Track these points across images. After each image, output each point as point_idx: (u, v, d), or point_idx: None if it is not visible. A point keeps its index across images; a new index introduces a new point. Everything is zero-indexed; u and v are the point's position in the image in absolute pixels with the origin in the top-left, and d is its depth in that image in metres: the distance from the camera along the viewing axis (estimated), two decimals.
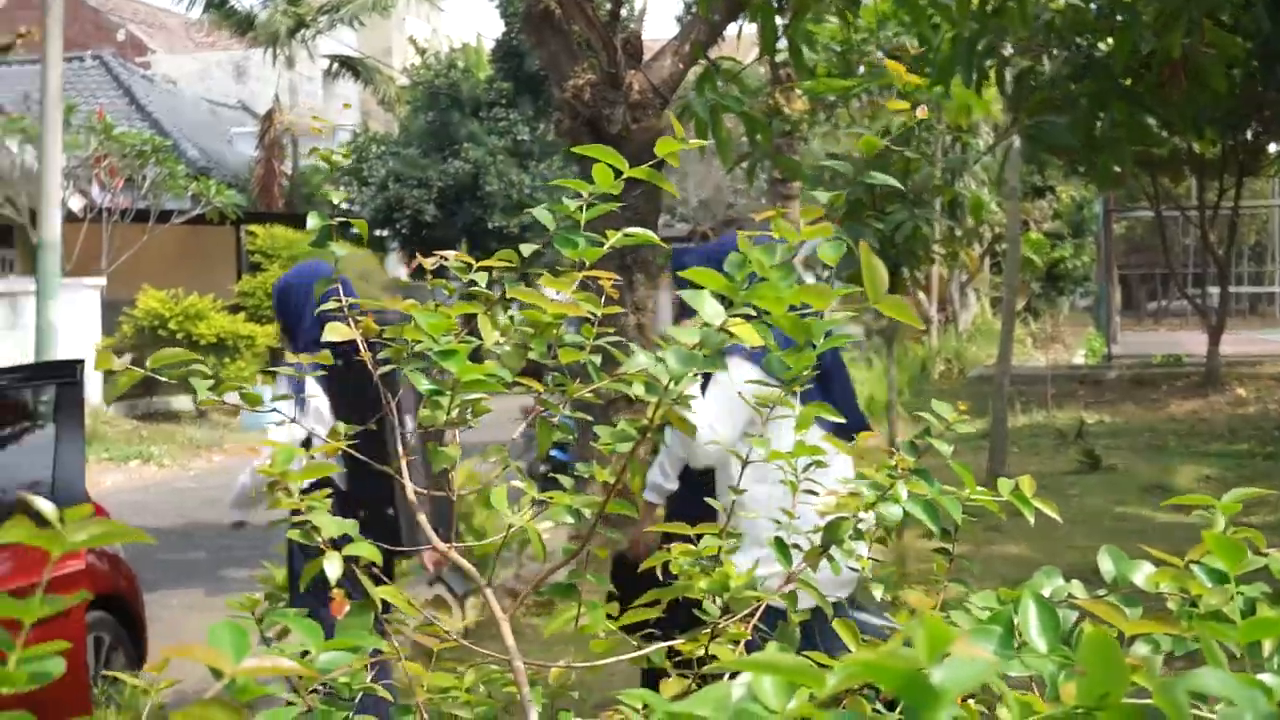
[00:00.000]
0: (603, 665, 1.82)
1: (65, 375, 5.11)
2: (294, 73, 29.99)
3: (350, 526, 1.49)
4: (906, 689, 0.71)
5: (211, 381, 1.56)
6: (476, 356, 1.53)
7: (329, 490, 1.78)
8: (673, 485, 4.39)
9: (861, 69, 12.79)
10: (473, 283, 1.69)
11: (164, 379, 1.58)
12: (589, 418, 2.16)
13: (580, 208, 1.70)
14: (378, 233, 29.05)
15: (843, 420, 2.06)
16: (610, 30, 9.59)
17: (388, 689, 1.63)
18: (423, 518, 4.65)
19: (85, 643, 5.17)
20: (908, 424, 15.85)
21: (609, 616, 1.84)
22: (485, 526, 8.46)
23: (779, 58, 9.96)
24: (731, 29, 10.44)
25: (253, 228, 24.99)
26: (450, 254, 1.66)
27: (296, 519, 1.50)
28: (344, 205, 20.25)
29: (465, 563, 1.55)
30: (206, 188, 22.73)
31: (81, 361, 5.21)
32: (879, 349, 19.78)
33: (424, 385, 1.52)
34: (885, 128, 11.10)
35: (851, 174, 1.80)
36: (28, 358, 17.25)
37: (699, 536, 1.99)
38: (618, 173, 1.77)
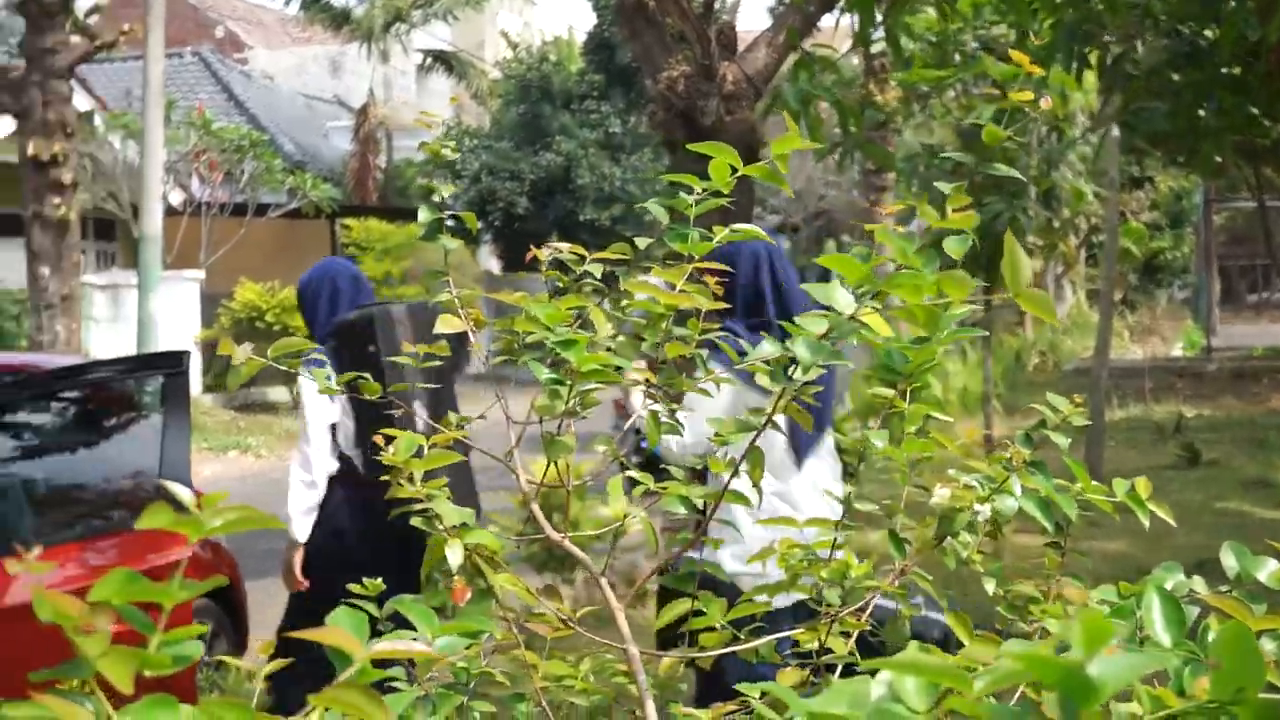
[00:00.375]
0: (712, 657, 1.82)
1: (172, 366, 5.20)
2: (388, 67, 30.28)
3: (468, 515, 1.51)
4: (1064, 683, 0.70)
5: (327, 371, 1.58)
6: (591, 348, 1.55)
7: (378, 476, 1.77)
8: None
9: (956, 59, 12.67)
10: (586, 274, 1.70)
11: (283, 368, 1.61)
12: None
13: (692, 202, 1.71)
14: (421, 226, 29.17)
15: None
16: (704, 22, 9.57)
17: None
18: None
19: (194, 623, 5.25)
20: (1002, 418, 15.70)
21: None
22: (579, 518, 8.50)
23: (874, 48, 9.89)
24: (826, 19, 10.40)
25: (347, 221, 25.26)
26: (564, 246, 1.67)
27: (417, 507, 1.52)
28: (436, 198, 20.35)
29: (579, 552, 1.56)
30: (303, 181, 23.01)
31: (188, 353, 5.31)
32: (973, 341, 19.59)
33: (544, 375, 1.53)
34: (978, 119, 10.99)
35: (973, 164, 1.78)
36: (129, 349, 17.57)
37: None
38: (707, 164, 1.78)
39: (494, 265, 31.52)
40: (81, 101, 18.82)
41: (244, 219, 22.66)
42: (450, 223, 1.86)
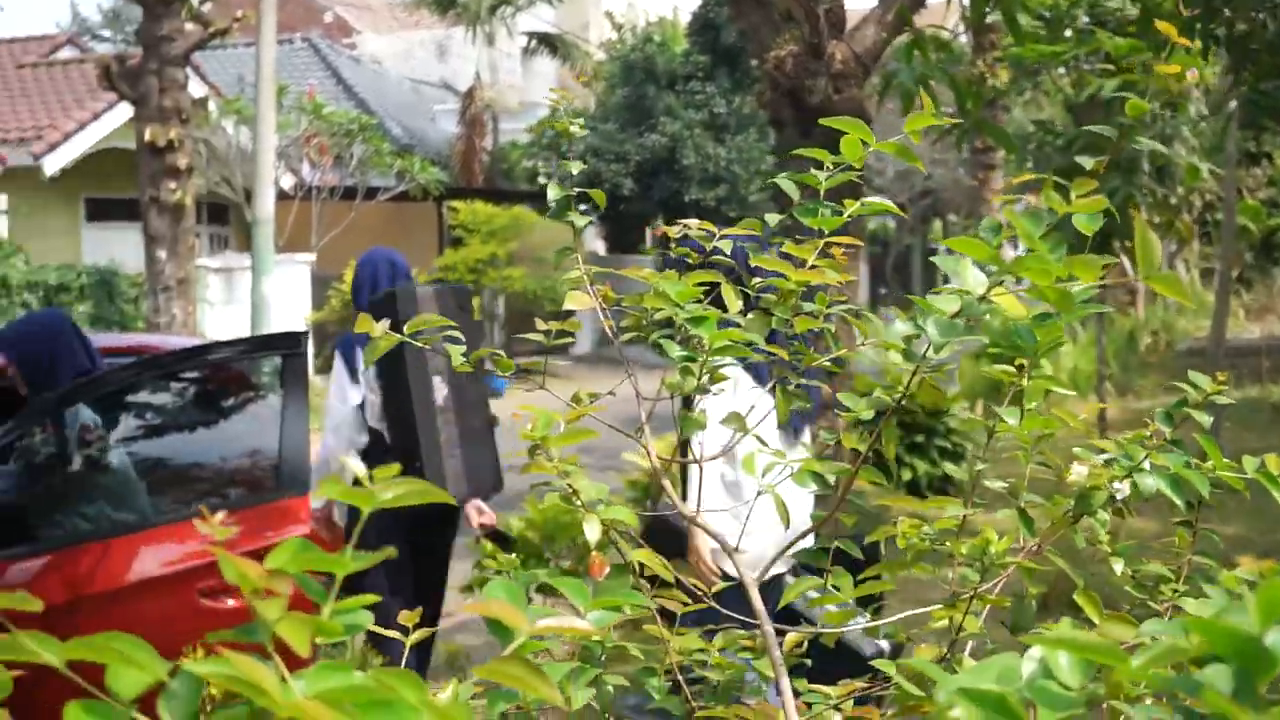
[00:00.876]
0: (836, 634, 1.82)
1: (290, 347, 5.27)
2: (494, 50, 30.45)
3: (604, 490, 1.52)
4: (1241, 653, 0.70)
5: (464, 348, 1.60)
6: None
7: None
8: None
9: (1069, 35, 12.46)
10: (717, 250, 1.70)
11: (419, 344, 1.63)
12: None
13: (822, 178, 1.70)
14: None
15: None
16: (812, 0, 9.53)
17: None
18: (451, 469, 5.06)
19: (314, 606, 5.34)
20: (1114, 399, 15.46)
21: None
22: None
23: (988, 22, 9.76)
24: None
25: (454, 203, 25.49)
26: (694, 222, 1.68)
27: (554, 481, 1.54)
28: (541, 180, 20.53)
29: (712, 527, 1.57)
30: (411, 164, 23.24)
31: (306, 333, 5.38)
32: (1085, 320, 19.30)
33: (676, 352, 1.53)
34: (1092, 95, 10.83)
35: (1116, 138, 1.76)
36: (243, 331, 17.88)
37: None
38: (814, 143, 1.77)
39: (599, 246, 31.62)
40: (196, 88, 19.16)
41: (353, 202, 22.95)
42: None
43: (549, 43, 32.47)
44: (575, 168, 1.73)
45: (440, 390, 5.59)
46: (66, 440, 5.01)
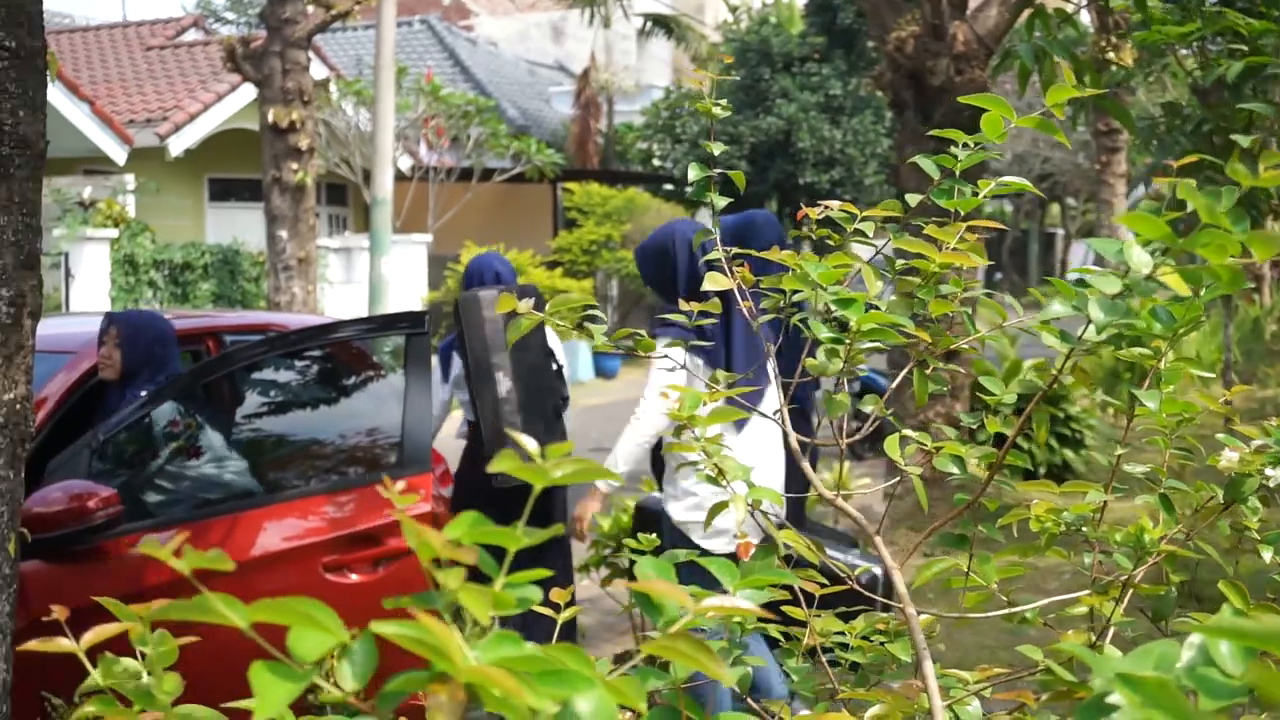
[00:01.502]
0: (973, 619, 1.80)
1: (414, 326, 5.33)
2: (609, 32, 30.48)
3: (749, 471, 1.52)
4: None
5: (605, 327, 1.61)
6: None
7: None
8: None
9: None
10: (859, 233, 1.69)
11: (564, 324, 1.64)
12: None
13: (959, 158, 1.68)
14: (689, 189, 29.30)
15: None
16: None
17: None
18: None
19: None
20: (1239, 386, 15.10)
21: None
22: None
23: (1113, 3, 9.57)
24: None
25: (569, 185, 25.59)
26: (835, 204, 1.67)
27: (700, 461, 1.54)
28: (656, 162, 20.41)
29: (852, 510, 1.56)
30: (527, 146, 23.37)
31: (429, 313, 5.44)
32: (1210, 305, 18.86)
33: (824, 334, 1.53)
34: (1221, 77, 10.58)
35: (1274, 115, 1.72)
36: (361, 310, 18.12)
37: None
38: (934, 125, 1.75)
39: None
40: (317, 70, 19.42)
41: (469, 183, 23.13)
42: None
43: (664, 24, 32.42)
44: (717, 149, 1.73)
45: (504, 384, 5.82)
46: (197, 416, 5.12)
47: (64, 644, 1.04)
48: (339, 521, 5.09)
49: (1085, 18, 15.32)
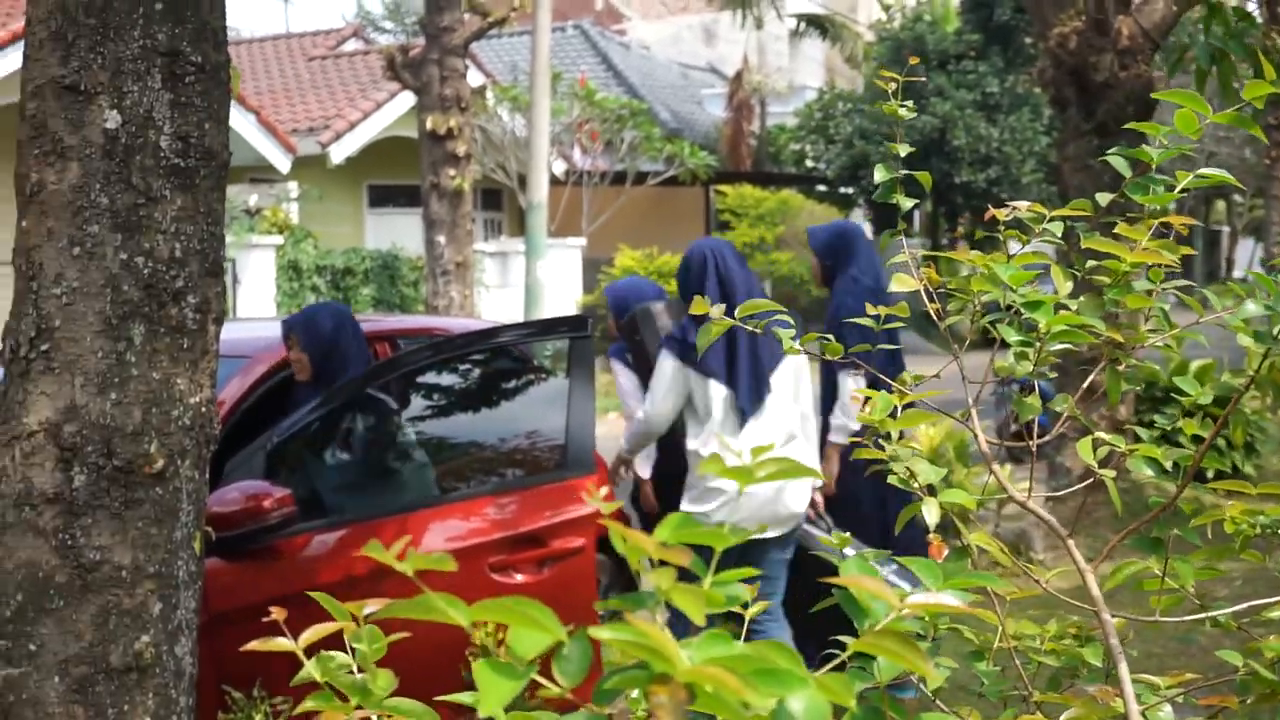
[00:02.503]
0: (1163, 622, 1.78)
1: (577, 330, 5.39)
2: (761, 33, 30.42)
3: (942, 474, 1.52)
4: None
5: (793, 332, 1.62)
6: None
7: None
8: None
9: None
10: (1047, 233, 1.68)
11: (749, 328, 1.65)
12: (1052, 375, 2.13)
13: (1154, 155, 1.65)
14: (843, 190, 29.13)
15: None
16: None
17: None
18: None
19: (596, 579, 5.46)
20: None
21: None
22: (965, 484, 8.39)
23: None
24: None
25: (721, 187, 25.58)
26: (1023, 204, 1.65)
27: (889, 466, 1.55)
28: (809, 163, 20.31)
29: (1044, 513, 1.55)
30: (680, 149, 23.43)
31: (590, 318, 5.50)
32: None
33: (1013, 337, 1.52)
34: None
35: None
36: (517, 314, 18.34)
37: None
38: (1097, 122, 1.73)
39: (866, 229, 31.34)
40: (474, 77, 19.70)
41: (623, 187, 23.26)
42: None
43: (818, 24, 32.26)
44: (903, 150, 1.73)
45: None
46: (366, 420, 5.24)
47: (283, 643, 1.09)
48: (505, 523, 5.17)
49: (1252, 7, 14.91)
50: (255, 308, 17.21)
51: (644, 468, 6.43)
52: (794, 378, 5.56)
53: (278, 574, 4.63)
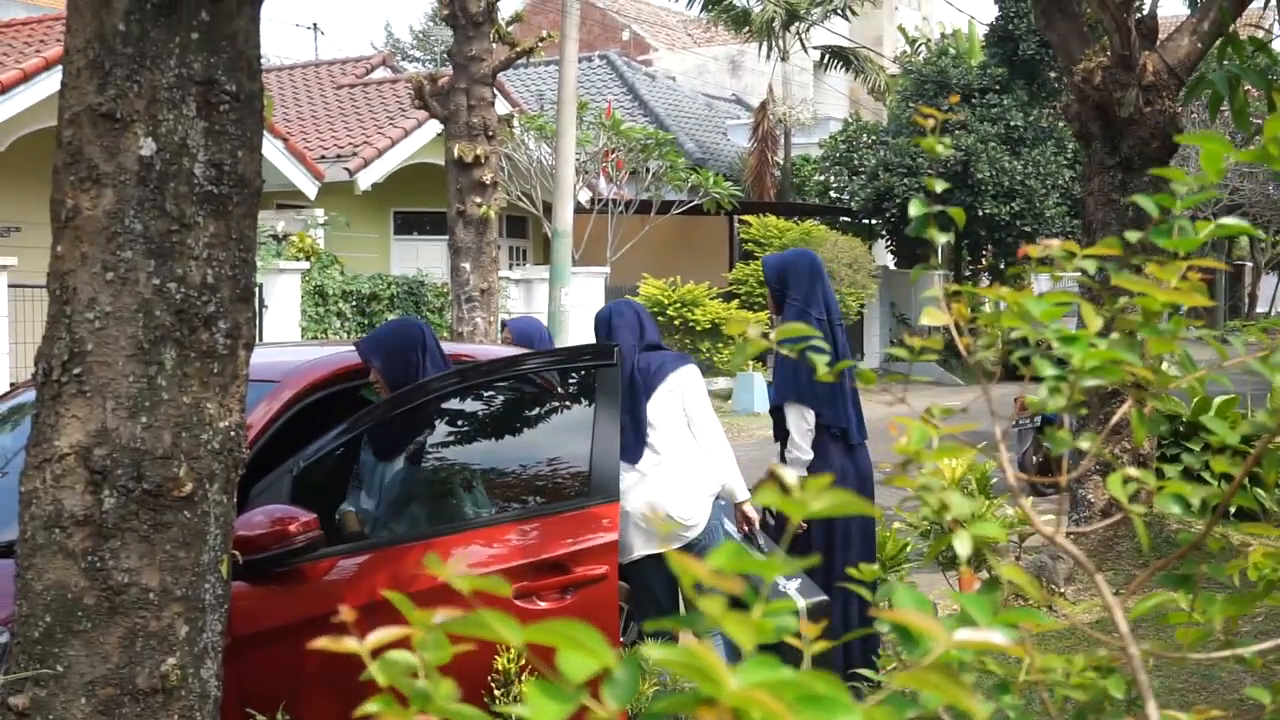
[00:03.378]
0: (1190, 659, 1.77)
1: (604, 358, 5.41)
2: (786, 65, 30.51)
3: (976, 506, 1.52)
4: None
5: (827, 359, 1.63)
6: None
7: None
8: None
9: None
10: (1083, 271, 1.69)
11: (785, 352, 1.66)
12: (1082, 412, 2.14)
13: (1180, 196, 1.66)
14: (867, 221, 29.14)
15: None
16: (1123, 11, 9.27)
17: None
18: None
19: (618, 608, 5.45)
20: None
21: None
22: (987, 516, 8.36)
23: None
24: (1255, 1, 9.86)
25: (746, 217, 25.62)
26: (1054, 242, 1.66)
27: (921, 495, 1.56)
28: (833, 194, 20.29)
29: (1074, 549, 1.56)
30: (705, 179, 23.48)
31: (618, 347, 5.52)
32: None
33: (1048, 371, 1.53)
34: None
35: None
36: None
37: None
38: (1122, 157, 1.73)
39: (889, 261, 31.34)
40: (501, 106, 19.81)
41: (647, 216, 23.32)
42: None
43: (842, 57, 32.35)
44: (939, 186, 1.74)
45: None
46: (388, 446, 5.26)
47: (350, 644, 1.10)
48: (528, 549, 5.18)
49: (1278, 45, 14.90)
50: (281, 333, 17.27)
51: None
52: (672, 405, 5.86)
53: (300, 598, 4.65)
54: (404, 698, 1.08)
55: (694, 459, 5.85)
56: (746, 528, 6.17)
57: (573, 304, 18.16)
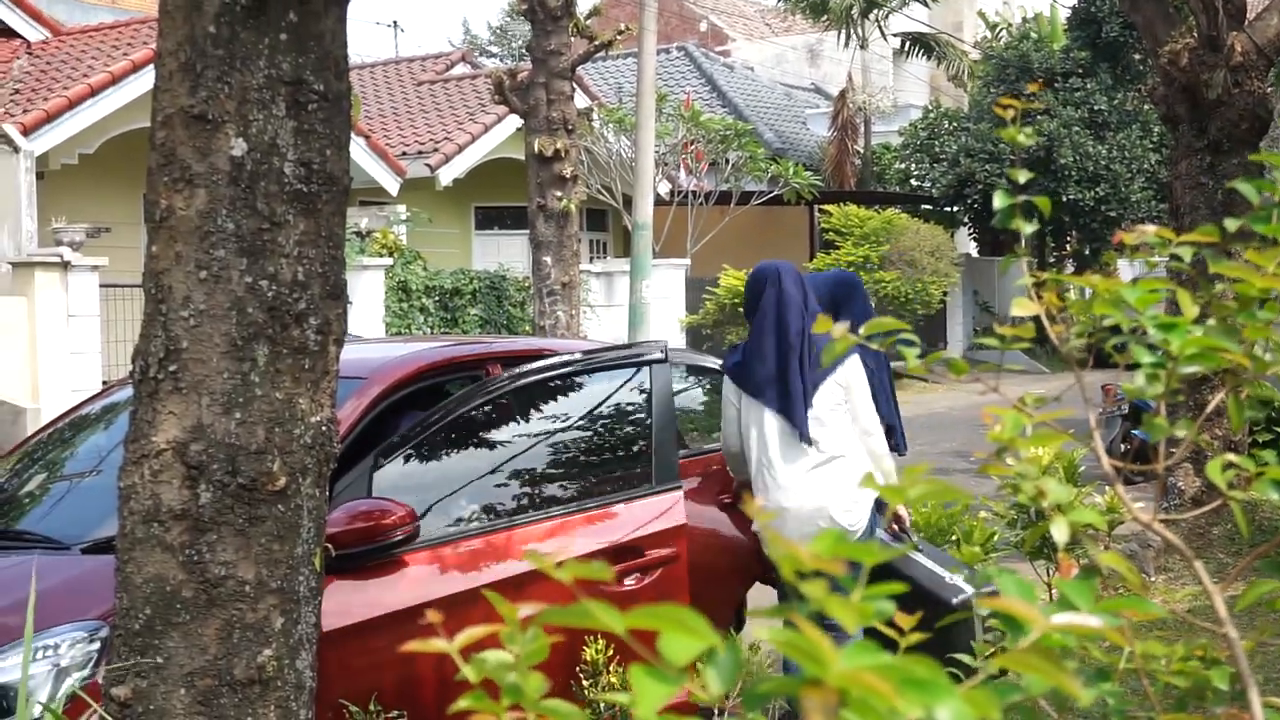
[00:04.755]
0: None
1: (656, 354, 5.70)
2: (865, 53, 30.33)
3: (1073, 493, 1.52)
4: None
5: (919, 350, 1.63)
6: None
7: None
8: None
9: None
10: (1176, 257, 1.67)
11: (874, 347, 1.67)
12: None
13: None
14: (948, 209, 28.91)
15: None
16: None
17: None
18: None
19: (687, 592, 5.58)
20: None
21: None
22: (1074, 504, 8.27)
23: None
24: None
25: (826, 207, 25.49)
26: (1150, 228, 1.65)
27: (1012, 483, 1.56)
28: (914, 182, 20.20)
29: (1174, 537, 1.55)
30: (785, 169, 23.39)
31: (667, 342, 5.74)
32: None
33: (1146, 359, 1.52)
34: None
35: None
36: (621, 333, 18.42)
37: None
38: (1210, 139, 1.71)
39: (971, 248, 31.08)
40: (580, 99, 19.86)
41: (727, 207, 23.29)
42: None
43: (922, 43, 32.09)
44: (1023, 176, 1.73)
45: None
46: (463, 440, 5.34)
47: (439, 644, 1.12)
48: (604, 534, 5.42)
49: None
50: (365, 328, 17.45)
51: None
52: (839, 396, 5.77)
53: (387, 589, 4.71)
54: (496, 690, 1.10)
55: (860, 459, 5.76)
56: (896, 527, 6.10)
57: (653, 296, 18.18)
